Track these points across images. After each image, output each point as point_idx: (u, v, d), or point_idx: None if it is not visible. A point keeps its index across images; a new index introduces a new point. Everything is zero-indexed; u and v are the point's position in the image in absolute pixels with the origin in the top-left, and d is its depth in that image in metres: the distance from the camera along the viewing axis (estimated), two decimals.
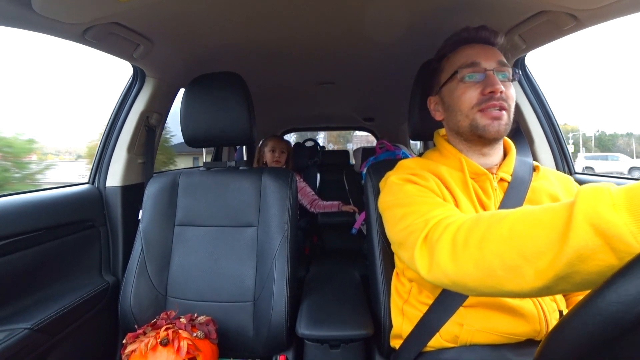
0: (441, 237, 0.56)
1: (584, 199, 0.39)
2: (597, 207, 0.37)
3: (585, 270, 0.38)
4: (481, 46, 0.74)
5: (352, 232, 1.87)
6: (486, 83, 0.70)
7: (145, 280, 1.01)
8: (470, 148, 0.77)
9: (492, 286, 0.48)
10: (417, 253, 0.60)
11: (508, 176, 0.75)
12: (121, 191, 1.21)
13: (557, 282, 0.41)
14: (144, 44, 1.03)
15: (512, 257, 0.45)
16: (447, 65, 0.78)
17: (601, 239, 0.36)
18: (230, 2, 0.87)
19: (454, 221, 0.57)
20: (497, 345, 0.68)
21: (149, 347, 0.77)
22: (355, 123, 3.12)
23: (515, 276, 0.45)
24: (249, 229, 1.04)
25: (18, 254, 0.89)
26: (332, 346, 0.90)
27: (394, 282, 0.86)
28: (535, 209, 0.46)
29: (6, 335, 0.77)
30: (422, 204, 0.66)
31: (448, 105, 0.77)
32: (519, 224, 0.46)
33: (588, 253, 0.37)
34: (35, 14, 0.74)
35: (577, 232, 0.38)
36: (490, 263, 0.47)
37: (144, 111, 1.25)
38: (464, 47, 0.76)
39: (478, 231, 0.51)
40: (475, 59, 0.72)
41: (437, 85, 0.81)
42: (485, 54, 0.72)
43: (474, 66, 0.72)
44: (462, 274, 0.51)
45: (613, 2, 0.76)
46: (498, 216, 0.50)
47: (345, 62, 1.40)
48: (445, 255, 0.54)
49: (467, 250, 0.51)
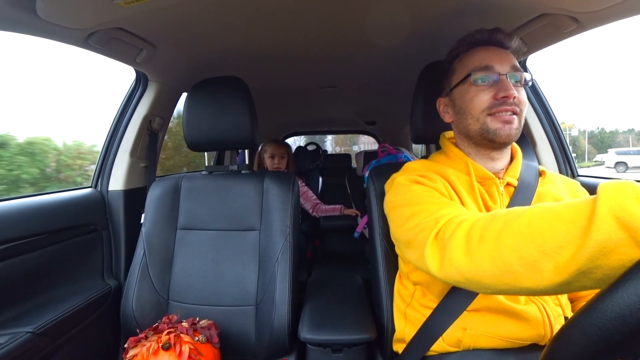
0: (454, 234, 0.56)
1: (608, 193, 0.38)
2: (622, 201, 0.37)
3: (607, 265, 0.37)
4: (495, 49, 0.73)
5: (355, 235, 1.87)
6: (499, 87, 0.68)
7: (147, 284, 1.00)
8: (479, 152, 0.76)
9: (508, 282, 0.47)
10: (427, 251, 0.59)
11: (514, 181, 0.74)
12: (124, 195, 1.22)
13: (578, 278, 0.40)
14: (147, 48, 1.04)
15: (530, 252, 0.44)
16: (460, 66, 0.76)
17: (625, 232, 0.36)
18: (232, 6, 0.88)
19: (467, 218, 0.57)
20: (501, 349, 0.67)
21: (150, 351, 0.77)
22: (357, 127, 3.12)
23: (533, 272, 0.44)
24: (251, 232, 1.04)
25: (21, 258, 0.89)
26: (334, 350, 0.89)
27: (397, 286, 0.86)
28: (555, 205, 0.45)
29: (8, 339, 0.77)
30: (430, 204, 0.66)
31: (459, 107, 0.76)
32: (537, 219, 0.45)
33: (612, 246, 0.37)
34: (40, 19, 0.75)
35: (600, 225, 0.37)
36: (507, 259, 0.47)
37: (146, 115, 1.26)
38: (477, 49, 0.74)
39: (495, 227, 0.50)
40: (489, 62, 0.70)
41: (448, 86, 0.79)
42: (499, 58, 0.71)
43: (487, 69, 0.70)
44: (477, 270, 0.51)
45: (614, 4, 0.76)
46: (515, 212, 0.50)
47: (347, 66, 1.41)
48: (459, 252, 0.53)
49: (482, 246, 0.50)
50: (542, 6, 0.85)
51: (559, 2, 0.80)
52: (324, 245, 2.33)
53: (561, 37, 0.93)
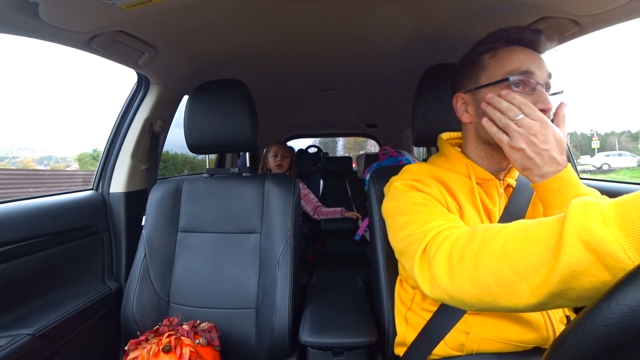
0: (437, 252, 0.56)
1: (575, 215, 0.38)
2: (588, 223, 0.36)
3: (579, 287, 0.38)
4: (533, 52, 0.66)
5: (355, 238, 1.86)
6: (537, 98, 0.62)
7: (147, 286, 1.00)
8: (492, 157, 0.72)
9: (489, 302, 0.48)
10: (416, 268, 0.59)
11: (514, 181, 0.74)
12: (125, 197, 1.22)
13: (553, 299, 0.41)
14: (149, 51, 1.04)
15: (506, 274, 0.45)
16: (494, 64, 0.67)
17: (593, 255, 0.36)
18: (234, 10, 0.88)
19: (451, 234, 0.57)
20: (504, 353, 0.67)
21: (151, 354, 0.76)
22: (359, 129, 3.12)
23: (510, 293, 0.44)
24: (251, 235, 1.04)
25: (22, 260, 0.89)
26: (335, 353, 0.89)
27: (398, 289, 0.85)
28: (529, 224, 0.46)
29: (8, 341, 0.77)
30: (423, 213, 0.65)
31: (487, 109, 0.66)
32: (511, 240, 0.46)
33: (581, 270, 0.37)
34: (43, 22, 0.76)
35: (568, 249, 0.37)
36: (485, 280, 0.47)
37: (148, 118, 1.26)
38: (517, 48, 0.66)
39: (473, 247, 0.51)
40: (530, 68, 0.64)
41: (474, 83, 0.70)
42: (539, 64, 0.65)
43: (527, 75, 0.63)
44: (459, 289, 0.51)
45: (615, 7, 0.76)
46: (492, 231, 0.50)
47: (348, 69, 1.41)
48: (442, 271, 0.54)
49: (462, 266, 0.51)
50: (543, 9, 0.85)
51: (560, 5, 0.80)
52: (325, 248, 2.33)
53: (562, 40, 0.93)
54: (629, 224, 0.34)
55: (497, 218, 0.70)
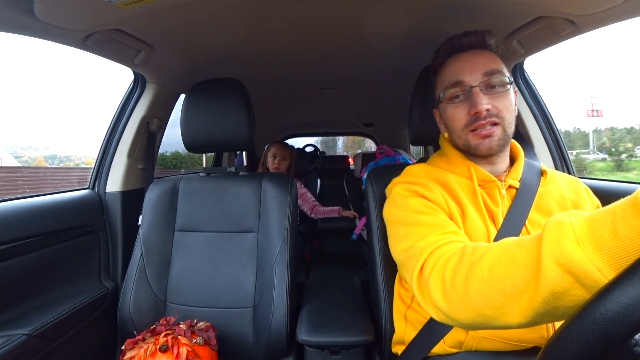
0: (432, 274, 0.57)
1: (550, 238, 0.39)
2: (562, 245, 0.37)
3: (563, 305, 0.38)
4: (467, 57, 0.71)
5: (353, 237, 1.86)
6: (471, 103, 0.68)
7: (144, 286, 1.00)
8: (476, 159, 0.75)
9: (484, 323, 0.49)
10: (415, 286, 0.61)
11: (516, 183, 0.73)
12: (121, 196, 1.22)
13: (542, 317, 0.42)
14: (145, 50, 1.04)
15: (495, 297, 0.46)
16: (438, 82, 0.77)
17: (570, 276, 0.36)
18: (231, 9, 0.88)
19: (444, 254, 0.58)
20: (501, 352, 0.67)
21: (148, 354, 0.76)
22: (356, 128, 3.12)
23: (501, 314, 0.46)
24: (249, 234, 1.04)
25: (17, 259, 0.88)
26: (332, 352, 0.89)
27: (397, 288, 0.85)
28: (511, 245, 0.47)
29: (4, 341, 0.77)
30: (423, 225, 0.65)
31: (445, 123, 0.77)
32: (496, 264, 0.47)
33: (561, 290, 0.37)
34: (38, 20, 0.75)
35: (547, 272, 0.38)
36: (476, 303, 0.48)
37: (144, 117, 1.26)
38: (449, 61, 0.73)
39: (462, 270, 0.52)
40: (459, 77, 0.69)
41: (435, 101, 0.80)
42: (470, 67, 0.69)
43: (458, 85, 0.70)
44: (455, 312, 0.52)
45: (610, 7, 0.76)
46: (479, 253, 0.51)
47: (345, 68, 1.41)
48: (438, 294, 0.55)
49: (454, 289, 0.52)
50: (539, 9, 0.85)
51: (556, 4, 0.81)
52: (322, 247, 2.33)
53: (558, 40, 0.94)
54: (601, 242, 0.34)
55: (501, 220, 0.70)
